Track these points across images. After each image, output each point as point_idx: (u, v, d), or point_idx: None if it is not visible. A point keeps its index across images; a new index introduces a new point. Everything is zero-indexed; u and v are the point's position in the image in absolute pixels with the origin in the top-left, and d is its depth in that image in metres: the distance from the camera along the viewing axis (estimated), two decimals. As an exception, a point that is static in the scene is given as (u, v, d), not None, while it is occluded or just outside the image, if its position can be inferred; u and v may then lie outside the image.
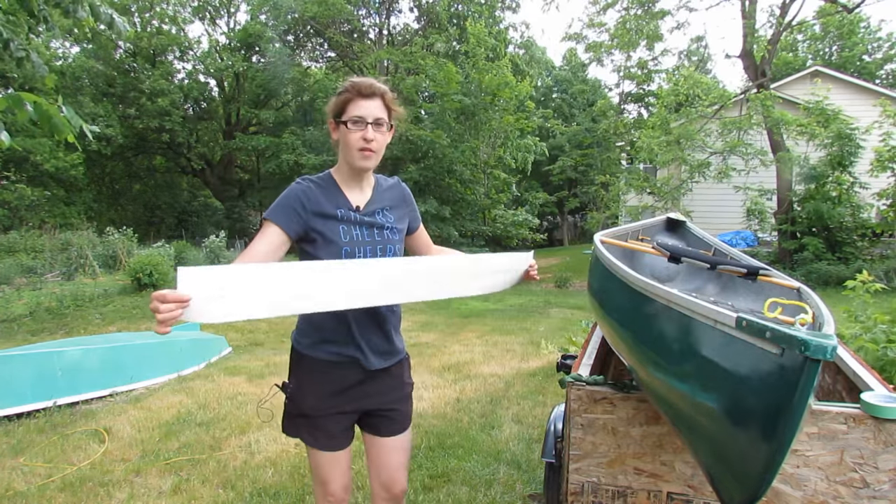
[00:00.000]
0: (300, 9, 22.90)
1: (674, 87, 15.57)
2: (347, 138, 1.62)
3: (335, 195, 1.68)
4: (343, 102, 1.63)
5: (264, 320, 10.26)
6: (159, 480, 3.20)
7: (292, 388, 1.72)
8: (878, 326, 3.15)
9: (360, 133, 1.61)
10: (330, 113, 1.68)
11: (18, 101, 2.76)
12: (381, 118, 1.64)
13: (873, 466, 1.40)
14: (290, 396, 1.72)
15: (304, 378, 1.71)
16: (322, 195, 1.65)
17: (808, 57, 27.82)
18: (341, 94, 1.64)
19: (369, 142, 1.62)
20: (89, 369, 5.03)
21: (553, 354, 5.96)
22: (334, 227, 1.64)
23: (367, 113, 1.61)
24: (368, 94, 1.62)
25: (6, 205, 18.33)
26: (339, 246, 1.62)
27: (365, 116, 1.61)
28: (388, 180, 1.84)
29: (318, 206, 1.63)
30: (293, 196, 1.63)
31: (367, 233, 1.68)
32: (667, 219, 3.61)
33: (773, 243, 14.55)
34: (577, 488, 1.71)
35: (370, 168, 1.69)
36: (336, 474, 1.73)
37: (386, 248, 1.71)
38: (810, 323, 1.41)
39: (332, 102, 1.67)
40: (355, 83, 1.63)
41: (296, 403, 1.71)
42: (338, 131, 1.67)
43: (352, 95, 1.62)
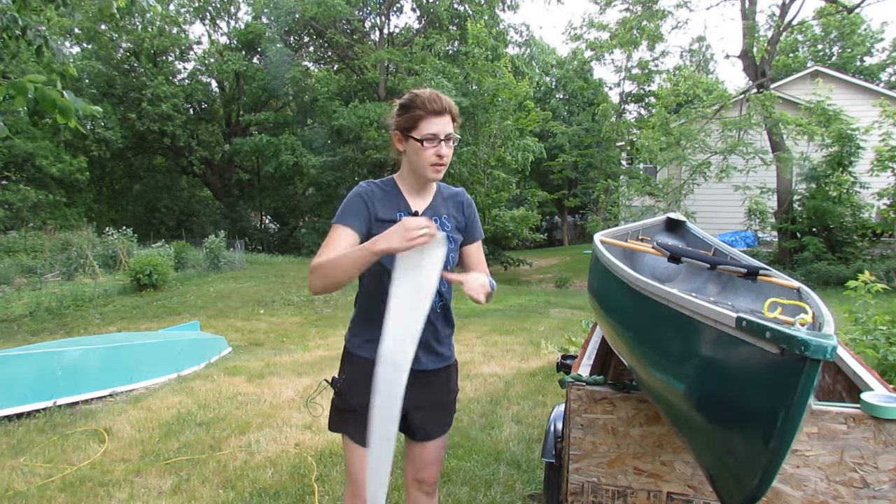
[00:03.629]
0: (301, 9, 22.90)
1: (674, 87, 15.58)
2: (421, 154, 1.65)
3: (397, 200, 1.72)
4: (415, 119, 1.64)
5: (264, 320, 10.27)
6: (159, 480, 3.20)
7: (342, 382, 1.75)
8: (878, 329, 3.14)
9: (433, 150, 1.64)
10: (397, 126, 1.69)
11: (21, 86, 2.70)
12: (451, 133, 1.67)
13: (873, 466, 1.40)
14: (339, 391, 1.75)
15: (354, 374, 1.72)
16: (384, 198, 1.70)
17: (808, 58, 27.82)
18: (411, 110, 1.65)
19: (442, 158, 1.66)
20: (89, 369, 5.03)
21: (553, 354, 5.96)
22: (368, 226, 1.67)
23: (440, 130, 1.64)
24: (440, 111, 1.64)
25: (9, 206, 18.34)
26: None
27: (438, 133, 1.64)
28: (452, 189, 1.86)
29: (380, 209, 1.68)
30: (358, 198, 1.68)
31: None
32: (667, 219, 3.61)
33: (773, 243, 14.55)
34: (577, 488, 1.71)
35: (439, 179, 1.74)
36: None
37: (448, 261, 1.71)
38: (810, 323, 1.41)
39: (401, 117, 1.67)
40: (425, 100, 1.64)
41: (345, 399, 1.73)
42: (405, 144, 1.68)
43: (424, 113, 1.63)
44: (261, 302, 11.79)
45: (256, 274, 15.11)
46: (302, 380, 5.32)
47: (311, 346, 7.80)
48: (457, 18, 24.73)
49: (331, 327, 9.61)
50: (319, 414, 1.85)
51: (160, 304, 11.47)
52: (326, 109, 22.17)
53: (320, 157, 21.68)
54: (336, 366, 1.85)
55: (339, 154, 21.94)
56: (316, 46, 27.83)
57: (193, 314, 10.44)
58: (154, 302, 11.66)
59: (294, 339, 8.75)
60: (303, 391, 4.90)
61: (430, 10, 24.80)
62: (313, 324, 10.07)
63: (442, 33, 24.28)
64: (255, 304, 11.61)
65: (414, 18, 27.63)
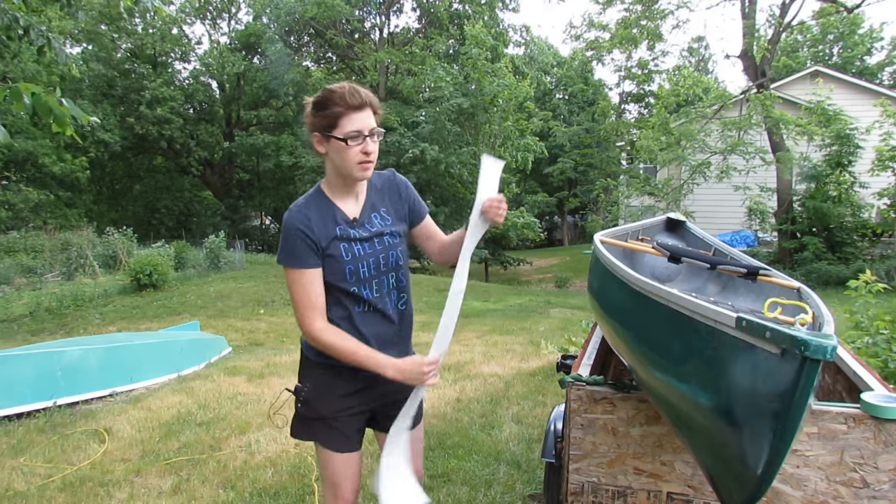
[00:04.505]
0: (301, 9, 22.91)
1: (674, 87, 15.57)
2: (345, 154, 1.57)
3: (330, 211, 1.64)
4: (334, 117, 1.55)
5: (264, 320, 10.28)
6: (159, 480, 3.20)
7: (307, 391, 1.70)
8: (880, 333, 3.14)
9: (359, 147, 1.56)
10: (315, 127, 1.60)
11: (17, 92, 2.69)
12: (374, 128, 1.59)
13: (873, 466, 1.40)
14: (304, 400, 1.71)
15: (318, 381, 1.70)
16: (317, 217, 1.62)
17: (808, 58, 27.83)
18: (328, 108, 1.55)
19: (369, 155, 1.58)
20: (89, 369, 5.03)
21: (553, 354, 5.95)
22: (337, 247, 1.62)
23: (363, 125, 1.56)
24: (360, 106, 1.56)
25: (10, 206, 18.34)
26: (343, 265, 1.62)
27: (362, 129, 1.56)
28: (381, 175, 1.78)
29: (319, 232, 1.60)
30: (294, 232, 1.59)
31: (367, 245, 1.66)
32: (667, 219, 3.60)
33: (774, 243, 14.55)
34: (577, 488, 1.71)
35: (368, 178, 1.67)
36: (349, 476, 1.74)
37: (388, 256, 1.69)
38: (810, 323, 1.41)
39: (318, 116, 1.58)
40: (342, 95, 1.55)
41: (311, 406, 1.70)
42: (327, 145, 1.60)
43: (343, 109, 1.54)
44: (261, 302, 11.79)
45: (256, 274, 15.11)
46: (302, 380, 5.31)
47: (311, 346, 7.79)
48: (457, 18, 24.73)
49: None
50: (285, 425, 1.82)
51: (160, 304, 11.47)
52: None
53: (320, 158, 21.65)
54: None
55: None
56: (316, 46, 27.83)
57: (193, 314, 10.44)
58: (154, 302, 11.66)
59: (294, 339, 8.75)
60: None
61: (430, 10, 24.80)
62: (313, 324, 10.06)
63: (442, 33, 24.28)
64: (255, 304, 11.61)
65: (414, 18, 27.63)
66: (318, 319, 1.58)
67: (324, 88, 1.60)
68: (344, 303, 1.65)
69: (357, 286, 1.64)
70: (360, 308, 1.67)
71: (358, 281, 1.64)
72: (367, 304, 1.66)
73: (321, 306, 1.59)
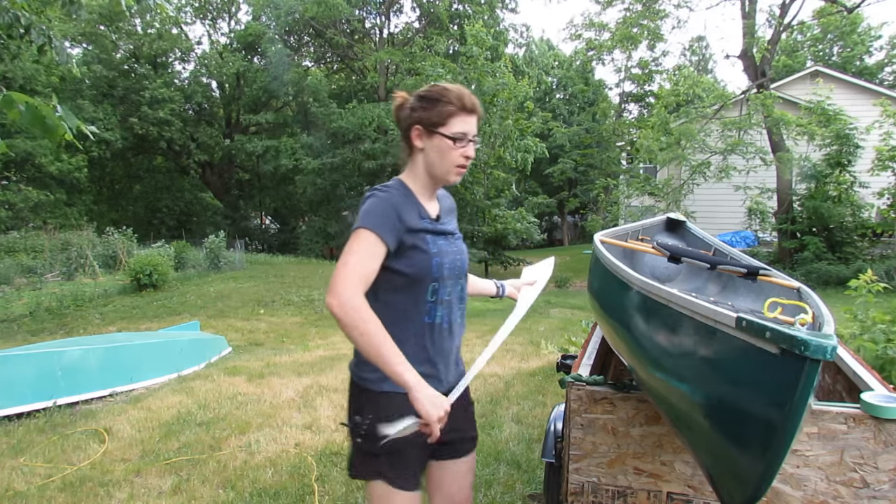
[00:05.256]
0: (301, 9, 22.91)
1: (674, 86, 15.57)
2: (447, 154, 1.52)
3: (415, 205, 1.56)
4: (445, 115, 1.50)
5: (264, 320, 10.28)
6: (159, 480, 3.20)
7: (369, 424, 1.50)
8: (878, 326, 3.14)
9: (461, 151, 1.52)
10: (418, 120, 1.52)
11: (10, 102, 2.65)
12: (476, 135, 1.56)
13: (873, 466, 1.40)
14: (365, 434, 1.51)
15: (383, 413, 1.50)
16: (406, 205, 1.53)
17: (808, 58, 27.84)
18: (440, 105, 1.50)
19: (468, 159, 1.54)
20: (89, 369, 5.03)
21: (553, 354, 5.95)
22: (423, 238, 1.53)
23: (470, 129, 1.52)
24: (472, 110, 1.52)
25: (10, 206, 18.35)
26: (430, 256, 1.52)
27: (468, 133, 1.52)
28: (441, 190, 1.73)
29: (408, 217, 1.51)
30: (390, 206, 1.48)
31: (447, 243, 1.60)
32: (667, 219, 3.61)
33: (774, 243, 14.55)
34: (577, 488, 1.71)
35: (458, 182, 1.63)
36: None
37: (461, 260, 1.64)
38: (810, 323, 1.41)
39: (427, 111, 1.51)
40: (459, 95, 1.51)
41: (374, 442, 1.49)
42: (427, 140, 1.53)
43: (456, 109, 1.50)
44: (261, 302, 11.79)
45: (256, 274, 15.11)
46: (302, 380, 5.32)
47: (311, 346, 7.80)
48: (457, 18, 24.74)
49: (331, 327, 9.61)
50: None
51: (160, 304, 11.47)
52: (323, 114, 22.19)
53: (319, 159, 21.69)
54: (336, 366, 1.84)
55: (339, 155, 21.95)
56: (316, 46, 27.84)
57: (193, 314, 10.44)
58: (154, 302, 11.66)
59: (294, 339, 8.75)
60: (303, 391, 4.90)
61: (430, 9, 24.81)
62: (313, 324, 10.07)
63: (442, 33, 24.28)
64: (255, 304, 11.61)
65: (414, 18, 27.64)
66: (359, 289, 1.38)
67: (435, 84, 1.56)
68: (417, 305, 1.53)
69: (438, 282, 1.54)
70: (432, 318, 1.55)
71: (440, 277, 1.54)
72: (440, 309, 1.55)
73: (367, 283, 1.41)
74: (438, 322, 1.55)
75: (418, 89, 1.59)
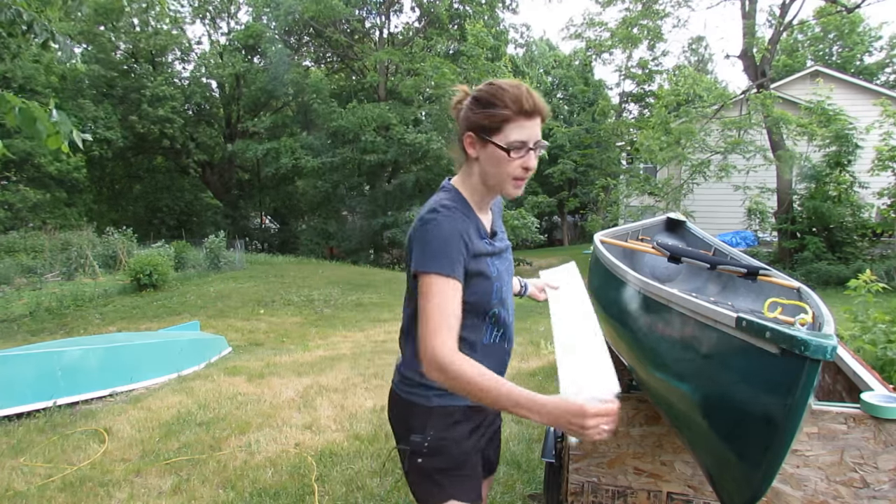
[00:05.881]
0: (301, 9, 22.91)
1: (674, 86, 15.57)
2: (503, 166, 1.33)
3: (475, 222, 1.39)
4: (500, 120, 1.31)
5: (264, 320, 10.28)
6: (159, 480, 3.20)
7: (431, 441, 1.40)
8: (878, 326, 3.14)
9: (520, 161, 1.33)
10: (471, 125, 1.35)
11: (4, 102, 2.64)
12: (540, 139, 1.35)
13: (873, 466, 1.40)
14: (426, 452, 1.40)
15: (443, 427, 1.41)
16: (468, 224, 1.36)
17: (808, 57, 27.85)
18: (495, 108, 1.31)
19: (528, 171, 1.35)
20: (89, 369, 5.03)
21: (553, 354, 5.95)
22: (486, 263, 1.39)
23: (530, 136, 1.32)
24: (531, 112, 1.31)
25: (9, 206, 18.35)
26: (492, 282, 1.40)
27: (528, 141, 1.32)
28: None
29: (472, 242, 1.34)
30: (455, 233, 1.30)
31: (502, 261, 1.47)
32: (667, 219, 3.61)
33: (774, 243, 14.55)
34: (577, 488, 1.71)
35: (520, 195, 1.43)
36: None
37: (511, 272, 1.54)
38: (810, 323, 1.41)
39: (479, 114, 1.33)
40: (516, 96, 1.30)
41: (437, 457, 1.40)
42: (482, 150, 1.35)
43: (512, 114, 1.30)
44: (261, 302, 11.79)
45: (256, 274, 15.11)
46: (302, 380, 5.32)
47: (311, 346, 7.80)
48: (457, 18, 24.74)
49: (330, 327, 9.61)
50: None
51: (160, 304, 11.47)
52: (324, 112, 22.20)
53: (319, 158, 21.68)
54: (336, 366, 1.84)
55: (339, 155, 21.97)
56: (316, 46, 27.83)
57: (193, 314, 10.43)
58: (154, 302, 11.66)
59: (294, 338, 8.75)
60: (303, 391, 4.90)
61: (430, 9, 24.81)
62: (313, 324, 10.07)
63: (442, 33, 24.28)
64: (255, 304, 11.61)
65: (414, 18, 27.63)
66: (452, 340, 1.23)
67: (490, 83, 1.36)
68: (477, 330, 1.42)
69: (499, 307, 1.43)
70: (489, 338, 1.44)
71: (500, 301, 1.43)
72: (499, 330, 1.46)
73: (456, 329, 1.25)
74: (498, 342, 1.47)
75: (477, 86, 1.40)
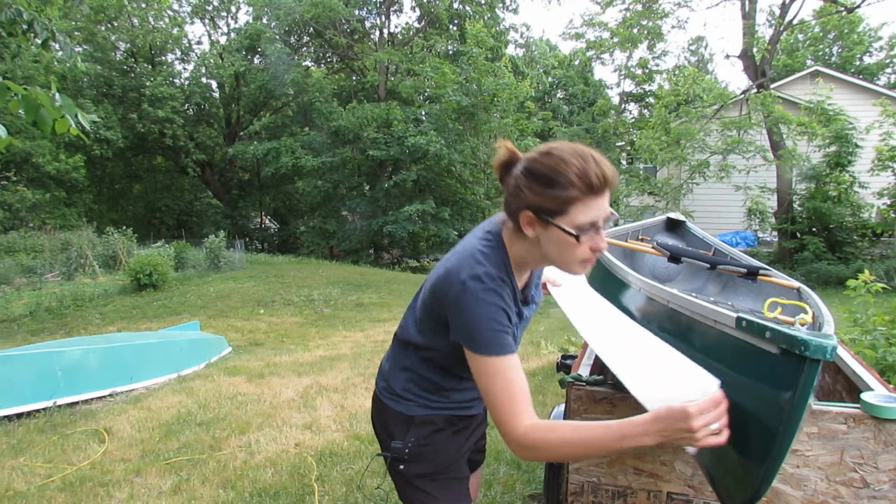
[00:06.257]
0: (300, 10, 22.92)
1: (674, 86, 15.59)
2: (571, 250, 1.16)
3: (512, 286, 1.26)
4: (565, 202, 1.12)
5: (264, 320, 10.27)
6: (159, 480, 3.20)
7: (411, 447, 1.37)
8: (878, 329, 3.14)
9: (589, 243, 1.15)
10: (527, 201, 1.16)
11: (4, 89, 2.63)
12: (610, 213, 1.17)
13: (873, 466, 1.40)
14: (407, 458, 1.38)
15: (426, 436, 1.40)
16: (509, 296, 1.23)
17: (808, 57, 27.86)
18: (559, 188, 1.12)
19: (597, 251, 1.18)
20: (89, 369, 5.03)
21: (553, 354, 5.95)
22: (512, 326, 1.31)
23: (600, 214, 1.14)
24: (601, 188, 1.13)
25: (7, 206, 18.34)
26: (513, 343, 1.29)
27: (597, 220, 1.14)
28: None
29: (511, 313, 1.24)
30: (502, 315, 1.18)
31: (523, 322, 1.39)
32: (667, 219, 3.61)
33: (774, 243, 14.56)
34: (577, 488, 1.71)
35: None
36: None
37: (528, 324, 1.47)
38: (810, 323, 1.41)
39: (540, 193, 1.14)
40: (582, 171, 1.11)
41: (421, 461, 1.39)
42: (541, 230, 1.17)
43: (580, 194, 1.11)
44: (261, 302, 11.79)
45: (256, 274, 15.11)
46: (302, 380, 5.32)
47: (311, 345, 7.80)
48: (457, 18, 24.75)
49: (330, 327, 9.61)
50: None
51: (160, 304, 11.47)
52: (323, 112, 22.21)
53: (319, 158, 21.69)
54: (336, 366, 1.84)
55: (339, 155, 21.98)
56: (316, 46, 27.83)
57: (193, 314, 10.43)
58: (154, 302, 11.66)
59: (294, 338, 8.75)
60: (303, 391, 4.90)
61: (430, 9, 24.82)
62: (313, 324, 10.07)
63: (442, 33, 24.28)
64: (255, 304, 11.61)
65: (414, 18, 27.64)
66: (528, 417, 1.14)
67: (549, 153, 1.15)
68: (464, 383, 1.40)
69: None
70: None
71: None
72: None
73: (526, 399, 1.16)
74: None
75: (529, 153, 1.22)
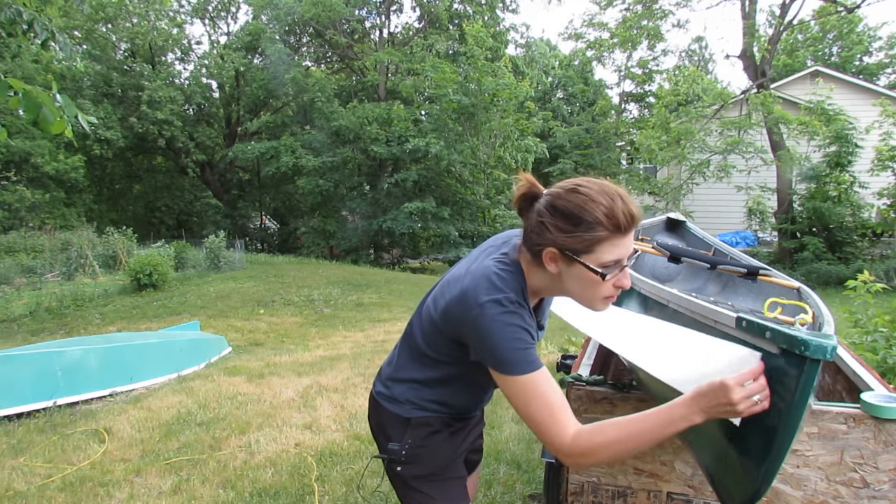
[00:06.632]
0: (300, 9, 22.93)
1: (674, 86, 15.61)
2: (595, 287, 1.16)
3: (530, 315, 1.25)
4: (591, 242, 1.12)
5: (264, 320, 10.27)
6: (159, 480, 3.20)
7: (408, 448, 1.37)
8: (878, 331, 3.14)
9: (613, 281, 1.16)
10: (557, 243, 1.14)
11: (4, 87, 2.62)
12: (634, 251, 1.19)
13: (873, 466, 1.40)
14: (404, 460, 1.38)
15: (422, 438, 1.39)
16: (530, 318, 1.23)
17: (808, 57, 27.86)
18: (585, 228, 1.11)
19: (619, 290, 1.19)
20: (89, 369, 5.03)
21: (553, 354, 5.95)
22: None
23: (625, 252, 1.15)
24: (628, 228, 1.13)
25: (7, 206, 18.34)
26: None
27: (622, 259, 1.15)
28: None
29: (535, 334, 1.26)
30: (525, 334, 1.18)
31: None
32: (667, 219, 3.61)
33: (774, 243, 14.56)
34: (577, 488, 1.71)
35: None
36: None
37: None
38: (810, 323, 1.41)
39: (567, 232, 1.13)
40: (610, 211, 1.11)
41: (418, 462, 1.39)
42: (565, 267, 1.17)
43: (608, 233, 1.11)
44: (261, 302, 11.79)
45: (256, 274, 15.11)
46: (302, 380, 5.32)
47: (311, 345, 7.80)
48: (457, 18, 24.75)
49: (330, 327, 9.61)
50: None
51: (160, 304, 11.47)
52: (324, 111, 22.22)
53: (319, 158, 21.71)
54: (336, 366, 1.84)
55: (339, 154, 21.99)
56: (316, 46, 27.83)
57: (193, 314, 10.43)
58: (154, 302, 11.66)
59: (294, 338, 8.75)
60: (303, 391, 4.90)
61: (430, 9, 24.82)
62: (313, 324, 10.07)
63: (442, 33, 24.29)
64: (255, 304, 11.61)
65: (414, 18, 27.64)
66: (569, 425, 1.12)
67: (575, 190, 1.15)
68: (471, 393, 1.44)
69: None
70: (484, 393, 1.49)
71: None
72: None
73: (563, 406, 1.15)
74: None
75: (552, 189, 1.20)
